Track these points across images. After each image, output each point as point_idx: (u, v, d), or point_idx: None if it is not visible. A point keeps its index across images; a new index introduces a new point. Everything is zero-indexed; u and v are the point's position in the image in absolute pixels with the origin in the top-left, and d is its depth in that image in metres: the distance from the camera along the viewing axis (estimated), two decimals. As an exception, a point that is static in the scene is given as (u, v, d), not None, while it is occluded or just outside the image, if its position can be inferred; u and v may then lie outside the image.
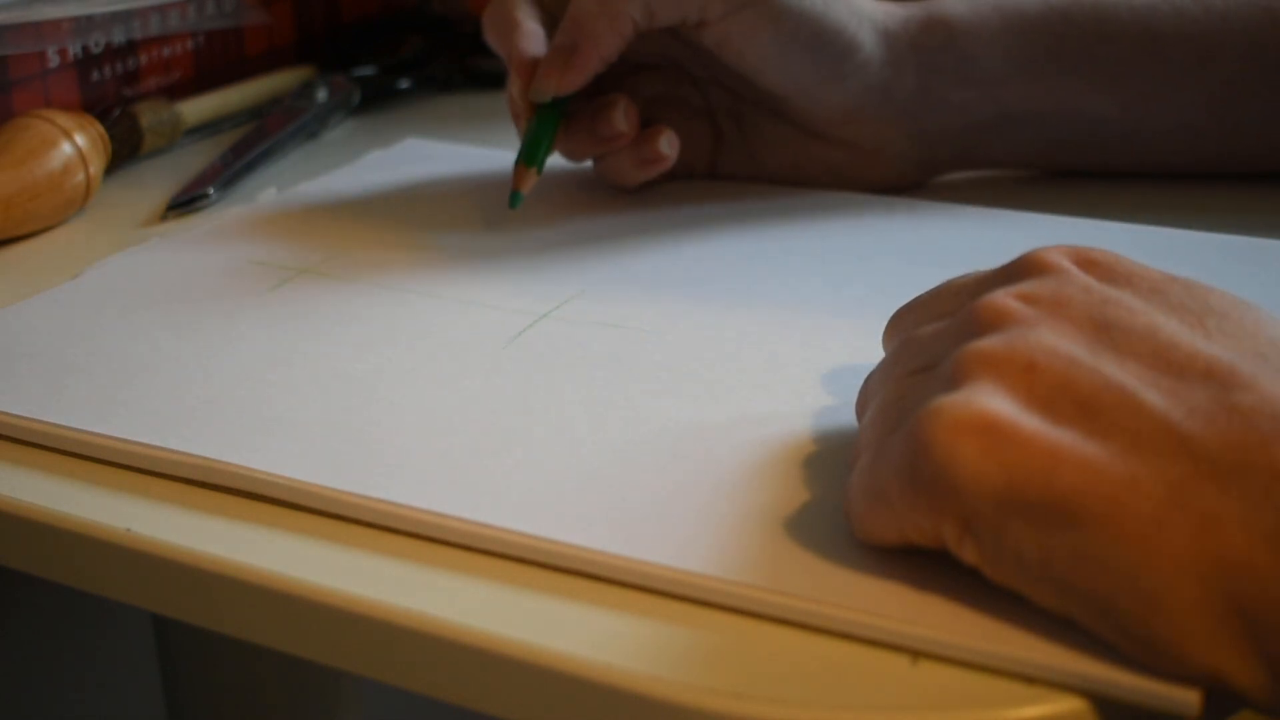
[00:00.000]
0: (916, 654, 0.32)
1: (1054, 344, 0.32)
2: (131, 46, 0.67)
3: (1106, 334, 0.33)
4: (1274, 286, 0.49)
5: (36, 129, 0.58)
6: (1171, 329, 0.32)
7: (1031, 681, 0.31)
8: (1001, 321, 0.34)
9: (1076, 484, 0.30)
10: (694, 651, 0.33)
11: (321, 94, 0.70)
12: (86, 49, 0.65)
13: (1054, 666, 0.31)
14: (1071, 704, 0.31)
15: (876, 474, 0.33)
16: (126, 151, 0.65)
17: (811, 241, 0.54)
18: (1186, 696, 0.30)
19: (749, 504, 0.37)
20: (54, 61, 0.64)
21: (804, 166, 0.60)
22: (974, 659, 0.32)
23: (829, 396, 0.43)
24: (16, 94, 0.62)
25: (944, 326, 0.36)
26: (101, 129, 0.61)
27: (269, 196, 0.61)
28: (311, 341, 0.47)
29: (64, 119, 0.59)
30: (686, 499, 0.37)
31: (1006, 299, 0.34)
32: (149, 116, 0.65)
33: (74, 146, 0.58)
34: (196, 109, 0.69)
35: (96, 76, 0.66)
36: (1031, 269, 0.35)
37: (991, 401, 0.31)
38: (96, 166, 0.60)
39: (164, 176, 0.64)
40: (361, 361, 0.46)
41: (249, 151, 0.64)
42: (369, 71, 0.74)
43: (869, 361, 0.40)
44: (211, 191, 0.61)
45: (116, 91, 0.67)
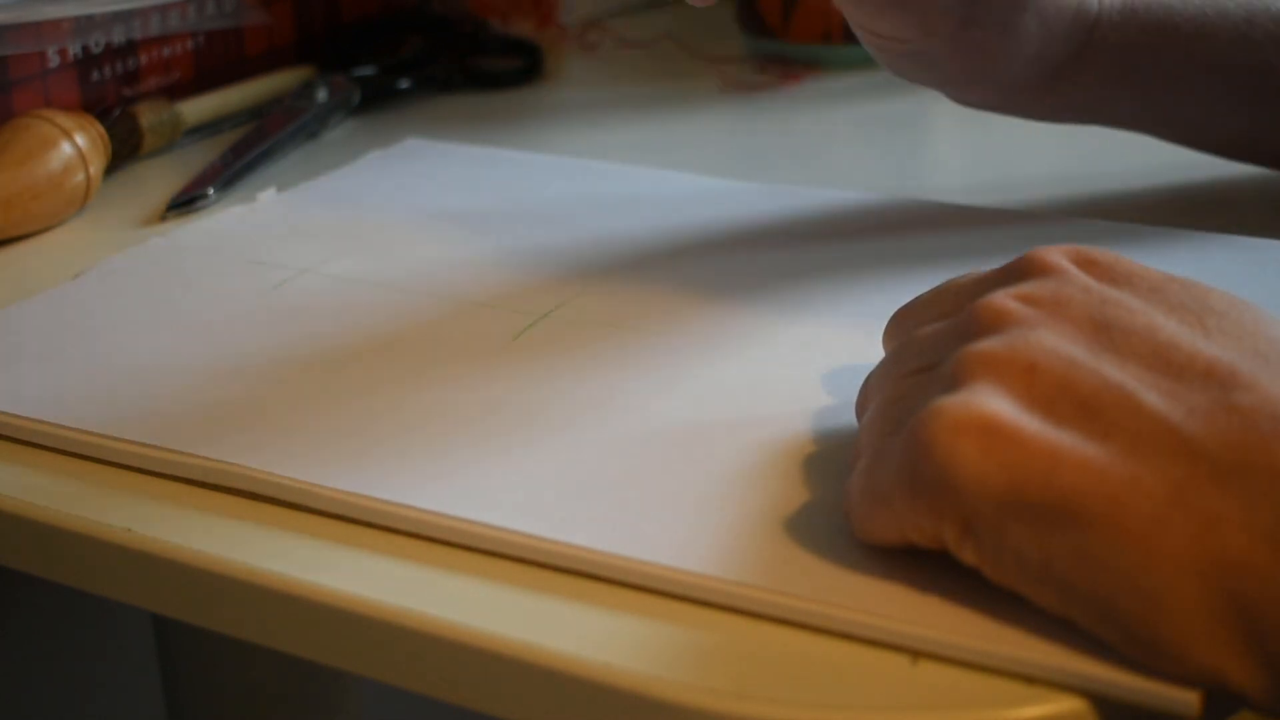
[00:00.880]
0: (916, 654, 0.32)
1: (1054, 344, 0.32)
2: (131, 46, 0.67)
3: (1106, 334, 0.33)
4: (1274, 286, 0.49)
5: (36, 129, 0.58)
6: (1171, 329, 0.32)
7: (1031, 681, 0.31)
8: (1002, 322, 0.34)
9: (1077, 484, 0.30)
10: (694, 651, 0.33)
11: (321, 94, 0.70)
12: (86, 49, 0.65)
13: (1054, 666, 0.31)
14: (1071, 704, 0.31)
15: (876, 474, 0.33)
16: (126, 151, 0.64)
17: (811, 241, 0.54)
18: (1186, 697, 0.30)
19: (749, 504, 0.37)
20: (54, 61, 0.64)
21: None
22: (974, 659, 0.32)
23: (829, 396, 0.42)
24: (16, 94, 0.62)
25: (944, 327, 0.36)
26: (101, 129, 0.61)
27: (269, 196, 0.61)
28: (311, 341, 0.47)
29: (64, 119, 0.59)
30: (686, 499, 0.37)
31: (1006, 299, 0.34)
32: (149, 116, 0.65)
33: (74, 146, 0.58)
34: (196, 109, 0.68)
35: (96, 76, 0.66)
36: (1031, 269, 0.35)
37: (992, 402, 0.31)
38: (96, 166, 0.60)
39: (164, 176, 0.64)
40: (361, 361, 0.46)
41: (249, 151, 0.64)
42: (369, 71, 0.74)
43: (869, 361, 0.40)
44: (211, 191, 0.61)
45: (116, 91, 0.67)
